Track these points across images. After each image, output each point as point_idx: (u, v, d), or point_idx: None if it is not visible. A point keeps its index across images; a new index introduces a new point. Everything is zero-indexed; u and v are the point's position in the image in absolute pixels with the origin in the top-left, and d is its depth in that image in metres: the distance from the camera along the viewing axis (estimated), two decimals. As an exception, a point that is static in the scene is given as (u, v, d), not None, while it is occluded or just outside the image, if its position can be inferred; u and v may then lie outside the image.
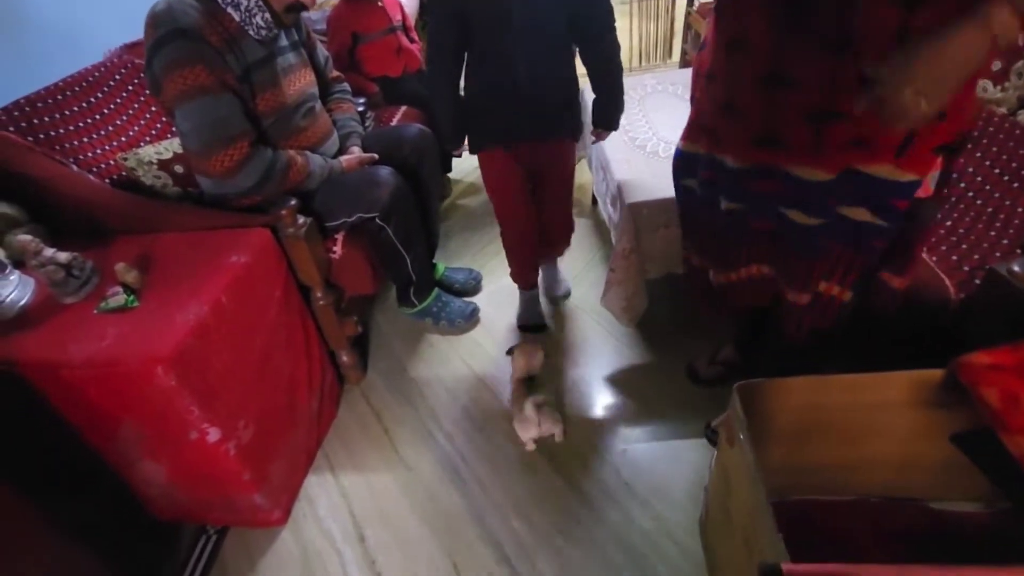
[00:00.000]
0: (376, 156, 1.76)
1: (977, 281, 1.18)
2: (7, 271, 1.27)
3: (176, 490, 1.39)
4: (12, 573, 1.03)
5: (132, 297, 1.23)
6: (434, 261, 2.08)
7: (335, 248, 1.64)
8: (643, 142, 1.80)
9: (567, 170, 1.74)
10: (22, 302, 1.26)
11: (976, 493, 1.18)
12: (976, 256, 1.25)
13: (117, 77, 1.76)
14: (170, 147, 1.61)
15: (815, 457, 1.15)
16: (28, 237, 1.21)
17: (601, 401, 1.71)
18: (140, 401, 1.15)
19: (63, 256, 1.23)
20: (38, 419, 1.20)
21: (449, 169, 2.52)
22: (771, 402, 1.02)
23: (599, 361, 1.83)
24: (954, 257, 1.27)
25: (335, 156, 1.74)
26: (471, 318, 2.00)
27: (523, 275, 1.92)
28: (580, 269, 2.20)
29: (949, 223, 1.38)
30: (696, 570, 1.28)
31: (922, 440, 1.10)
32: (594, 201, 2.47)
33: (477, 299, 2.11)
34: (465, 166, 2.78)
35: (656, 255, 1.64)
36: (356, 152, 1.77)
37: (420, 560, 1.38)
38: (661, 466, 1.51)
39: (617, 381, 1.76)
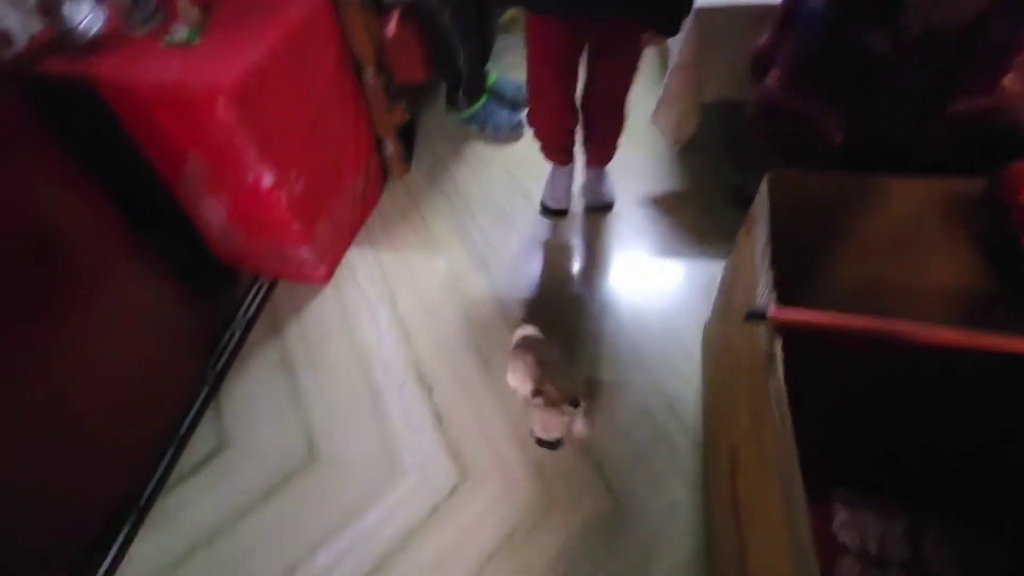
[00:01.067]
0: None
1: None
2: (79, -3, 1.31)
3: (234, 234, 1.54)
4: (110, 275, 1.22)
5: (194, 33, 1.27)
6: (486, 70, 2.03)
7: (389, 26, 1.61)
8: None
9: (632, 62, 1.39)
10: (94, 29, 1.31)
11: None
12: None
13: None
14: None
15: (829, 271, 1.17)
16: (96, -41, 1.24)
17: (633, 219, 1.74)
18: (203, 133, 1.24)
19: (129, -16, 1.26)
20: (118, 143, 1.32)
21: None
22: (801, 198, 1.02)
23: (636, 181, 1.83)
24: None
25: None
26: (517, 129, 2.00)
27: (553, 154, 1.68)
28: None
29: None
30: (693, 371, 1.39)
31: (944, 265, 1.10)
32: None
33: (525, 112, 2.08)
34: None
35: (717, 73, 1.55)
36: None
37: (444, 326, 1.54)
38: (681, 282, 1.58)
39: (652, 202, 1.78)
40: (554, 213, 1.78)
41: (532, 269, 1.66)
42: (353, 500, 1.24)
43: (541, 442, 1.28)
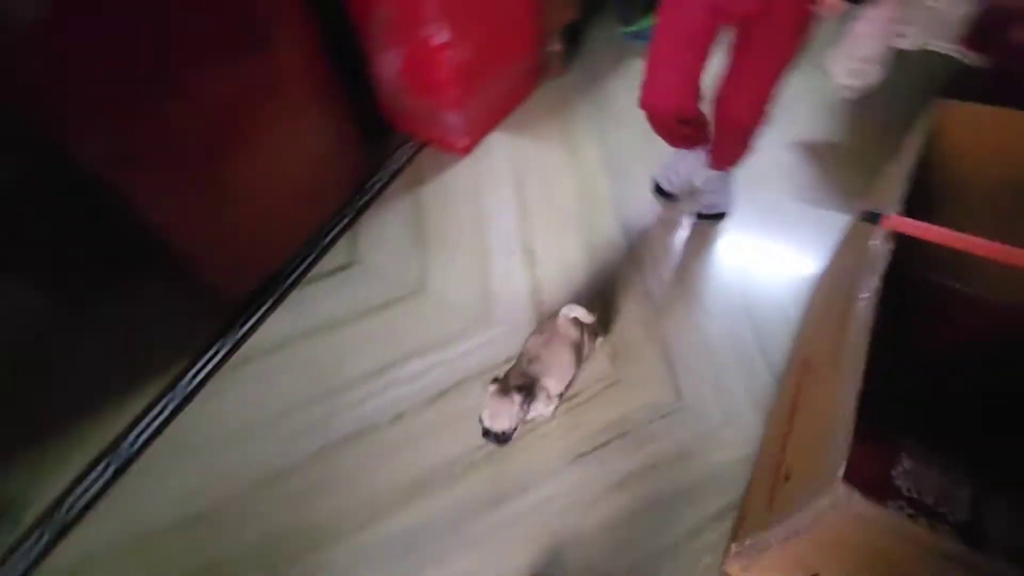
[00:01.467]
0: None
1: None
2: None
3: (399, 90, 1.71)
4: (311, 97, 1.45)
5: None
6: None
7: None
8: None
9: (790, 43, 1.11)
10: None
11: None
12: None
13: None
14: None
15: (969, 217, 1.06)
16: None
17: (777, 160, 1.68)
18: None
19: None
20: None
21: None
22: (968, 131, 0.95)
23: (790, 121, 1.71)
24: None
25: None
26: (683, 51, 1.95)
27: (668, 139, 1.48)
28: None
29: None
30: (795, 314, 1.37)
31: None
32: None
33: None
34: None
35: (927, 12, 1.41)
36: None
37: (561, 216, 1.63)
38: (812, 231, 1.52)
39: (803, 147, 1.69)
40: (665, 195, 1.62)
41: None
42: (447, 331, 1.41)
43: (487, 433, 1.08)
